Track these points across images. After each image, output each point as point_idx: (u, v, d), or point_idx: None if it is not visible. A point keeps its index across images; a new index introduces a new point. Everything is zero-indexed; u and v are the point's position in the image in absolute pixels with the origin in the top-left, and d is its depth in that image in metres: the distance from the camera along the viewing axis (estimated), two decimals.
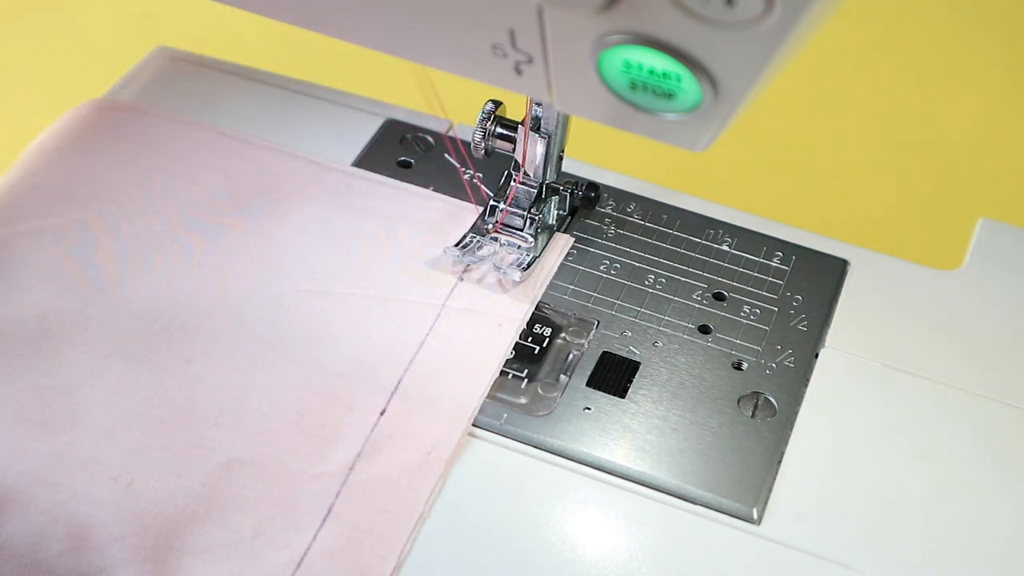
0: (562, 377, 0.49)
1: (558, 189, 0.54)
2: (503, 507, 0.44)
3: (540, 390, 0.48)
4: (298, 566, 0.42)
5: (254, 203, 0.54)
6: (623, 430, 0.47)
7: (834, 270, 0.53)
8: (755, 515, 0.44)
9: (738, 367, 0.49)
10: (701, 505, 0.45)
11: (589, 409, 0.48)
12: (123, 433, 0.45)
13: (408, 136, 0.59)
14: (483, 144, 0.52)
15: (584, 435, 0.47)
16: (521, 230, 0.53)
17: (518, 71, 0.35)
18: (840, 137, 0.85)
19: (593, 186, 0.55)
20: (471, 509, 0.44)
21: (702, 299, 0.52)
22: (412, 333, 0.49)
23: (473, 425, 0.47)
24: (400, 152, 0.58)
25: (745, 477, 0.45)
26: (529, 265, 0.52)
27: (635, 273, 0.53)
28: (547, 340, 0.50)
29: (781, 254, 0.54)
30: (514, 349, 0.49)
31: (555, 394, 0.48)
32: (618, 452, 0.46)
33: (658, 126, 0.35)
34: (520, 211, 0.53)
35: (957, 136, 0.84)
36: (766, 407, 0.48)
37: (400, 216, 0.54)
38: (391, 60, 0.40)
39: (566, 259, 0.53)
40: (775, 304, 0.52)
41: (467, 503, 0.44)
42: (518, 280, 0.51)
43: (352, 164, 0.57)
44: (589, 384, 0.49)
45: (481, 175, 0.56)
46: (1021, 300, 0.53)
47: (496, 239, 0.53)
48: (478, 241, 0.53)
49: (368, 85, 0.65)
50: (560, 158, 0.53)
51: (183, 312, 0.50)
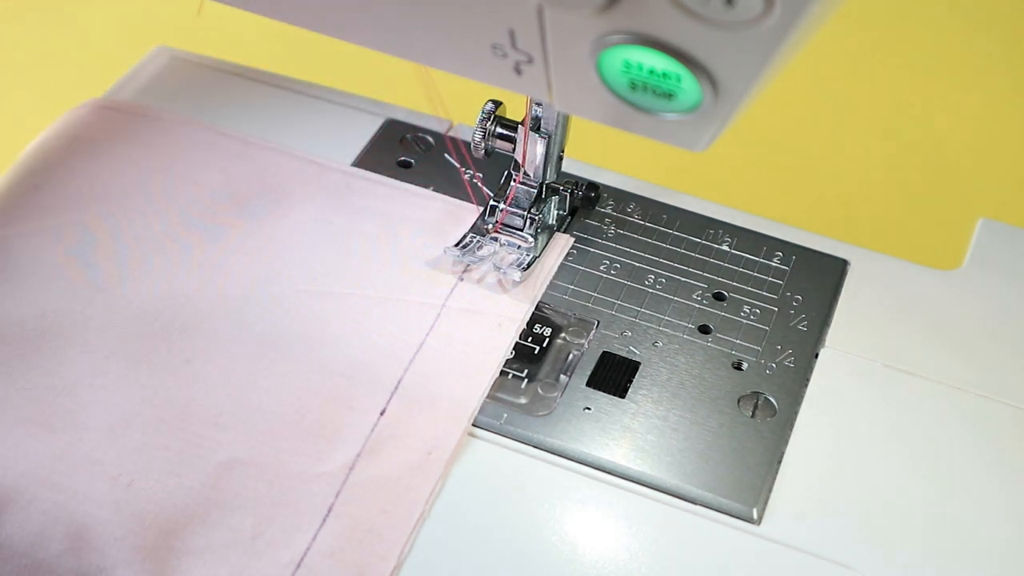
0: (562, 377, 0.49)
1: (558, 189, 0.54)
2: (503, 507, 0.44)
3: (540, 390, 0.48)
4: (298, 566, 0.42)
5: (254, 203, 0.54)
6: (623, 430, 0.47)
7: (834, 270, 0.53)
8: (755, 515, 0.44)
9: (738, 367, 0.49)
10: (701, 505, 0.45)
11: (589, 409, 0.48)
12: (123, 433, 0.45)
13: (408, 136, 0.59)
14: (483, 144, 0.52)
15: (584, 435, 0.47)
16: (521, 230, 0.53)
17: (518, 71, 0.35)
18: (840, 137, 0.85)
19: (593, 186, 0.55)
20: (471, 509, 0.44)
21: (702, 299, 0.52)
22: (412, 333, 0.49)
23: (473, 425, 0.47)
24: (400, 152, 0.58)
25: (745, 477, 0.45)
26: (529, 265, 0.52)
27: (635, 273, 0.53)
28: (547, 340, 0.50)
29: (781, 254, 0.54)
30: (514, 349, 0.49)
31: (555, 394, 0.48)
32: (618, 452, 0.46)
33: (658, 126, 0.35)
34: (520, 211, 0.53)
35: (957, 136, 0.84)
36: (766, 407, 0.48)
37: (400, 216, 0.54)
38: (391, 60, 0.40)
39: (566, 259, 0.53)
40: (775, 304, 0.52)
41: (467, 503, 0.44)
42: (518, 280, 0.51)
43: (352, 164, 0.57)
44: (589, 384, 0.49)
45: (481, 175, 0.56)
46: (1021, 300, 0.53)
47: (496, 239, 0.53)
48: (478, 241, 0.53)
49: (368, 85, 0.65)
50: (560, 158, 0.53)
51: (183, 312, 0.50)
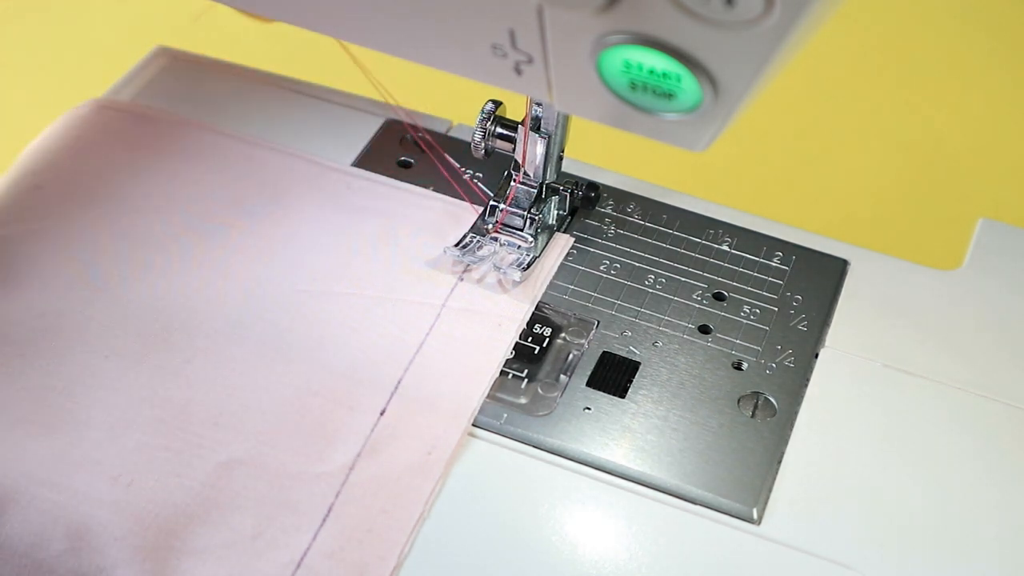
0: (562, 377, 0.49)
1: (558, 189, 0.54)
2: (503, 507, 0.44)
3: (540, 390, 0.48)
4: (298, 566, 0.42)
5: (254, 203, 0.54)
6: (623, 430, 0.47)
7: (834, 270, 0.53)
8: (755, 515, 0.44)
9: (738, 367, 0.49)
10: (701, 505, 0.45)
11: (589, 409, 0.48)
12: (123, 433, 0.45)
13: (408, 136, 0.59)
14: (483, 144, 0.52)
15: (584, 435, 0.47)
16: (521, 230, 0.53)
17: (518, 71, 0.35)
18: (840, 137, 0.85)
19: (593, 186, 0.55)
20: (471, 509, 0.44)
21: (702, 299, 0.52)
22: (412, 333, 0.49)
23: (473, 425, 0.47)
24: (400, 152, 0.58)
25: (745, 477, 0.45)
26: (529, 265, 0.52)
27: (635, 273, 0.53)
28: (547, 340, 0.50)
29: (781, 254, 0.54)
30: (514, 349, 0.49)
31: (555, 394, 0.48)
32: (618, 452, 0.46)
33: (658, 126, 0.35)
34: (520, 211, 0.53)
35: (957, 136, 0.84)
36: (766, 407, 0.48)
37: (400, 216, 0.54)
38: (391, 60, 0.40)
39: (566, 259, 0.53)
40: (775, 304, 0.52)
41: (467, 503, 0.44)
42: (518, 280, 0.51)
43: (352, 164, 0.57)
44: (589, 384, 0.49)
45: (478, 173, 0.56)
46: (1021, 300, 0.53)
47: (496, 239, 0.53)
48: (478, 241, 0.53)
49: (368, 85, 0.65)
50: (560, 158, 0.53)
51: (183, 312, 0.50)
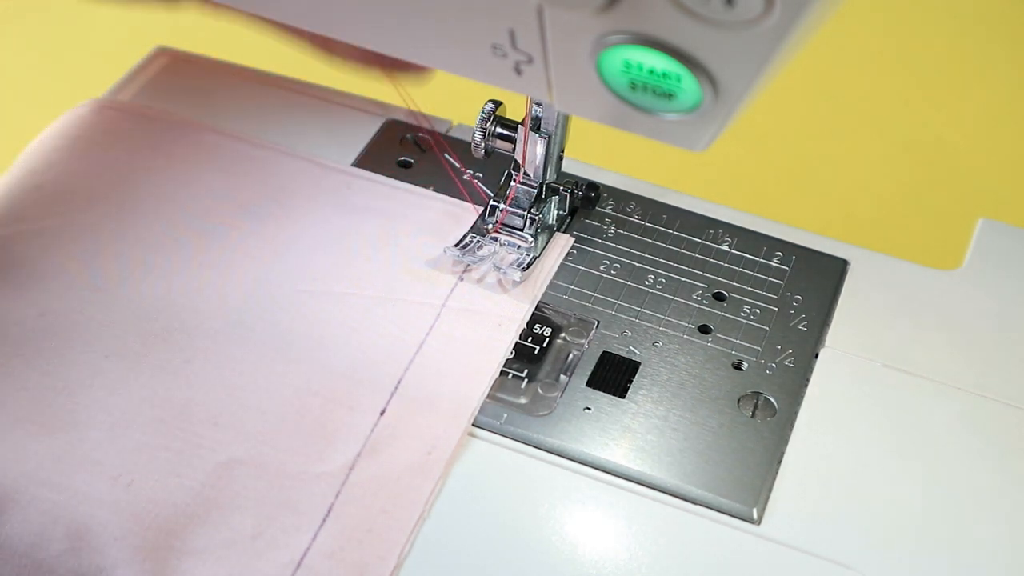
0: (562, 377, 0.49)
1: (558, 189, 0.54)
2: (503, 507, 0.44)
3: (540, 390, 0.48)
4: (298, 566, 0.42)
5: (254, 203, 0.54)
6: (623, 430, 0.47)
7: (834, 270, 0.53)
8: (755, 515, 0.44)
9: (738, 367, 0.49)
10: (701, 505, 0.45)
11: (589, 409, 0.48)
12: (123, 433, 0.45)
13: (408, 136, 0.59)
14: (483, 144, 0.52)
15: (584, 435, 0.47)
16: (521, 230, 0.53)
17: (518, 71, 0.35)
18: (840, 137, 0.85)
19: (593, 186, 0.55)
20: (471, 509, 0.44)
21: (702, 299, 0.52)
22: (412, 333, 0.49)
23: (473, 425, 0.47)
24: (400, 152, 0.58)
25: (745, 477, 0.45)
26: (529, 265, 0.52)
27: (635, 273, 0.53)
28: (547, 340, 0.50)
29: (781, 254, 0.54)
30: (514, 349, 0.49)
31: (555, 394, 0.48)
32: (618, 452, 0.46)
33: (658, 126, 0.35)
34: (520, 211, 0.53)
35: (957, 136, 0.84)
36: (766, 407, 0.48)
37: (400, 216, 0.54)
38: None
39: (566, 259, 0.53)
40: (775, 304, 0.52)
41: (467, 503, 0.44)
42: (518, 280, 0.51)
43: (352, 164, 0.57)
44: (589, 384, 0.48)
45: (478, 174, 0.56)
46: (1021, 300, 0.53)
47: (496, 239, 0.53)
48: (478, 241, 0.53)
49: (368, 85, 0.65)
50: (560, 158, 0.53)
51: (183, 312, 0.50)
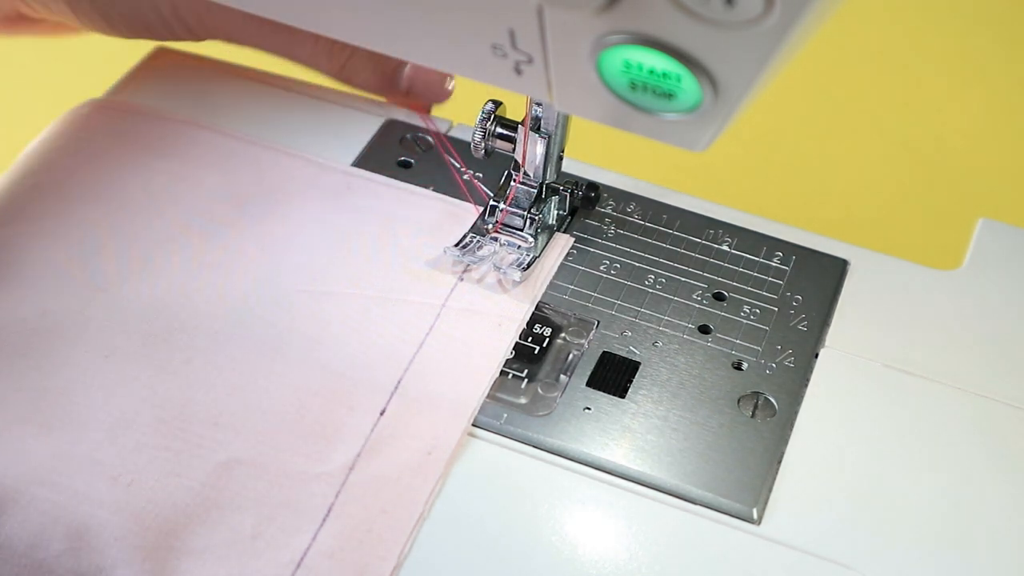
0: (562, 377, 0.49)
1: (558, 189, 0.54)
2: (503, 507, 0.44)
3: (540, 390, 0.48)
4: (298, 566, 0.42)
5: (254, 203, 0.54)
6: (623, 430, 0.47)
7: (834, 270, 0.53)
8: (755, 515, 0.44)
9: (738, 367, 0.49)
10: (701, 505, 0.45)
11: (589, 409, 0.48)
12: (123, 433, 0.45)
13: (408, 136, 0.59)
14: (483, 144, 0.52)
15: (584, 435, 0.47)
16: (521, 230, 0.53)
17: (518, 71, 0.35)
18: (840, 137, 0.85)
19: (593, 186, 0.55)
20: (471, 509, 0.44)
21: (702, 299, 0.52)
22: (412, 333, 0.49)
23: (473, 425, 0.47)
24: (400, 152, 0.58)
25: (745, 477, 0.45)
26: (529, 265, 0.52)
27: (635, 273, 0.53)
28: (547, 340, 0.50)
29: (781, 254, 0.54)
30: (514, 349, 0.49)
31: (555, 394, 0.48)
32: (618, 452, 0.46)
33: (658, 126, 0.35)
34: (520, 211, 0.53)
35: (957, 136, 0.84)
36: (766, 407, 0.48)
37: (400, 216, 0.54)
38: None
39: (566, 259, 0.53)
40: (775, 304, 0.52)
41: (467, 503, 0.44)
42: (518, 280, 0.51)
43: (352, 164, 0.57)
44: (589, 384, 0.48)
45: (478, 173, 0.56)
46: (1021, 300, 0.53)
47: (496, 239, 0.53)
48: (478, 241, 0.53)
49: None
50: (560, 158, 0.53)
51: (183, 312, 0.50)
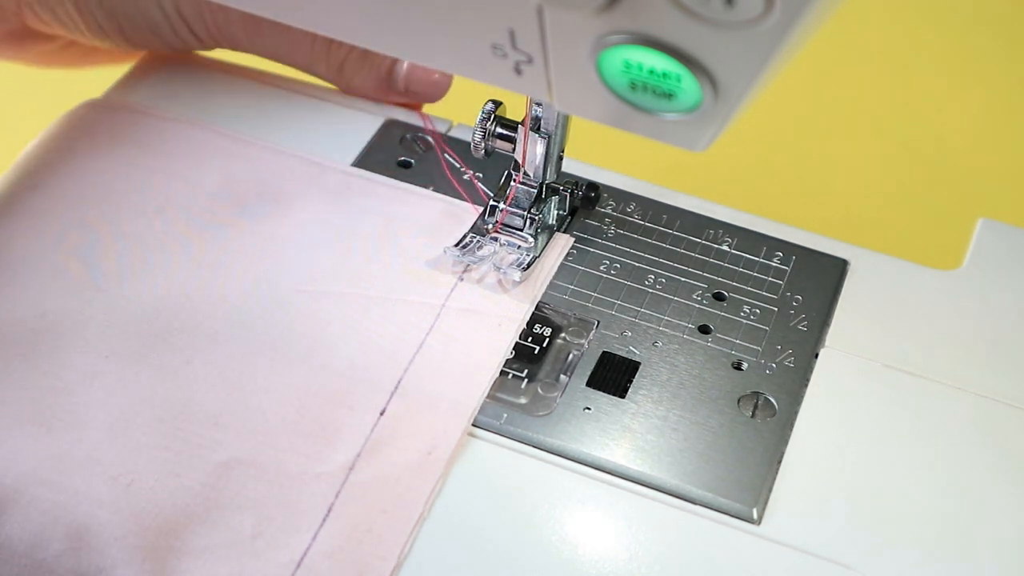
0: (562, 377, 0.49)
1: (558, 189, 0.54)
2: (503, 507, 0.44)
3: (540, 390, 0.48)
4: (298, 566, 0.42)
5: (254, 203, 0.54)
6: (623, 430, 0.47)
7: (834, 270, 0.53)
8: (755, 515, 0.44)
9: (738, 367, 0.49)
10: (701, 505, 0.45)
11: (589, 409, 0.48)
12: (123, 433, 0.45)
13: (408, 136, 0.59)
14: (483, 144, 0.52)
15: (584, 435, 0.47)
16: (521, 230, 0.53)
17: (518, 71, 0.35)
18: (840, 137, 0.85)
19: (593, 186, 0.55)
20: (471, 509, 0.44)
21: (702, 299, 0.52)
22: (412, 333, 0.49)
23: (473, 425, 0.47)
24: (400, 152, 0.58)
25: (745, 477, 0.45)
26: (529, 265, 0.52)
27: (635, 273, 0.53)
28: (547, 340, 0.50)
29: (781, 254, 0.54)
30: (514, 349, 0.49)
31: (555, 394, 0.48)
32: (618, 452, 0.46)
33: (658, 126, 0.35)
34: (520, 211, 0.53)
35: (957, 136, 0.84)
36: (766, 407, 0.48)
37: (400, 216, 0.54)
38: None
39: (566, 259, 0.53)
40: (775, 304, 0.52)
41: (467, 503, 0.44)
42: (518, 280, 0.51)
43: (352, 164, 0.57)
44: (589, 384, 0.48)
45: (478, 173, 0.56)
46: (1021, 300, 0.53)
47: (496, 239, 0.53)
48: (478, 241, 0.53)
49: None
50: (560, 158, 0.53)
51: (183, 312, 0.50)
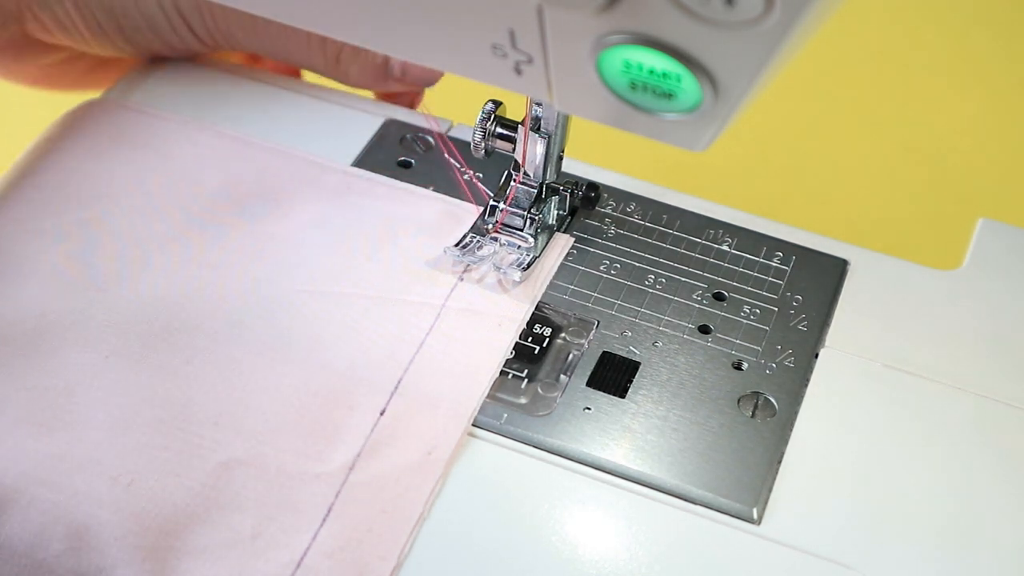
0: (562, 377, 0.49)
1: (558, 189, 0.54)
2: (503, 507, 0.44)
3: (540, 390, 0.48)
4: (298, 566, 0.42)
5: (254, 203, 0.54)
6: (623, 430, 0.47)
7: (834, 270, 0.53)
8: (755, 515, 0.44)
9: (738, 367, 0.49)
10: (701, 505, 0.45)
11: (589, 409, 0.48)
12: (123, 433, 0.45)
13: (408, 136, 0.59)
14: (483, 144, 0.52)
15: (584, 435, 0.47)
16: (521, 230, 0.53)
17: (518, 71, 0.35)
18: (840, 137, 0.85)
19: (593, 186, 0.55)
20: (471, 509, 0.44)
21: (702, 299, 0.52)
22: (412, 333, 0.49)
23: (473, 425, 0.47)
24: (400, 152, 0.58)
25: (745, 477, 0.45)
26: (529, 265, 0.52)
27: (635, 273, 0.53)
28: (547, 340, 0.50)
29: (781, 254, 0.54)
30: (514, 349, 0.49)
31: (555, 394, 0.48)
32: (618, 452, 0.46)
33: (658, 126, 0.35)
34: (520, 211, 0.53)
35: (957, 136, 0.84)
36: (766, 407, 0.48)
37: (400, 216, 0.54)
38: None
39: (566, 259, 0.53)
40: (775, 304, 0.52)
41: (467, 503, 0.44)
42: (518, 280, 0.51)
43: (352, 164, 0.57)
44: (589, 384, 0.48)
45: (478, 173, 0.56)
46: (1021, 300, 0.53)
47: (496, 239, 0.53)
48: (478, 241, 0.53)
49: None
50: (560, 158, 0.53)
51: (183, 312, 0.50)
